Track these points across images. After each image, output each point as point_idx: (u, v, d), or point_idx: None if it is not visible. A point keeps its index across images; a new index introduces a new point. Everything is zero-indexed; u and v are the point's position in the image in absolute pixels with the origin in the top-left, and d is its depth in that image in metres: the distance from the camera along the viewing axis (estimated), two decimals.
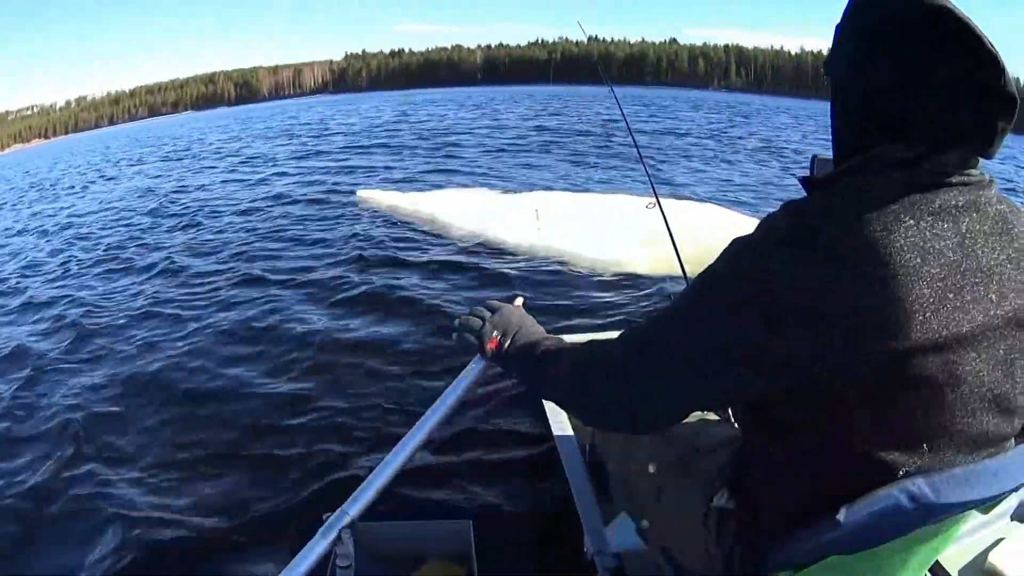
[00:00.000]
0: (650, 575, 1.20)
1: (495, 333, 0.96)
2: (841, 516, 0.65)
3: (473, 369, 0.99)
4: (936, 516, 0.64)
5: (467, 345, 0.99)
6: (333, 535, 0.93)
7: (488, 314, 0.99)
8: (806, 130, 18.84)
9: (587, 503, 1.44)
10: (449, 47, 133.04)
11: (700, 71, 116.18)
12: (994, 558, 1.22)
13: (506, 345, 0.95)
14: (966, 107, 0.65)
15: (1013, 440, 0.71)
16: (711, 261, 0.72)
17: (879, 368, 0.61)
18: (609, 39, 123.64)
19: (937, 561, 1.16)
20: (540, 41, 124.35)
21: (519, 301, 1.05)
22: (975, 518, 0.77)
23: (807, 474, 0.72)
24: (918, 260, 0.61)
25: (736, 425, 1.31)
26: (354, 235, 5.35)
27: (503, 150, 11.21)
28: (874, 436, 0.65)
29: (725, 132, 16.50)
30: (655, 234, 4.46)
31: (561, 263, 4.42)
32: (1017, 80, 0.73)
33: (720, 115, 24.48)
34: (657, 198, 1.83)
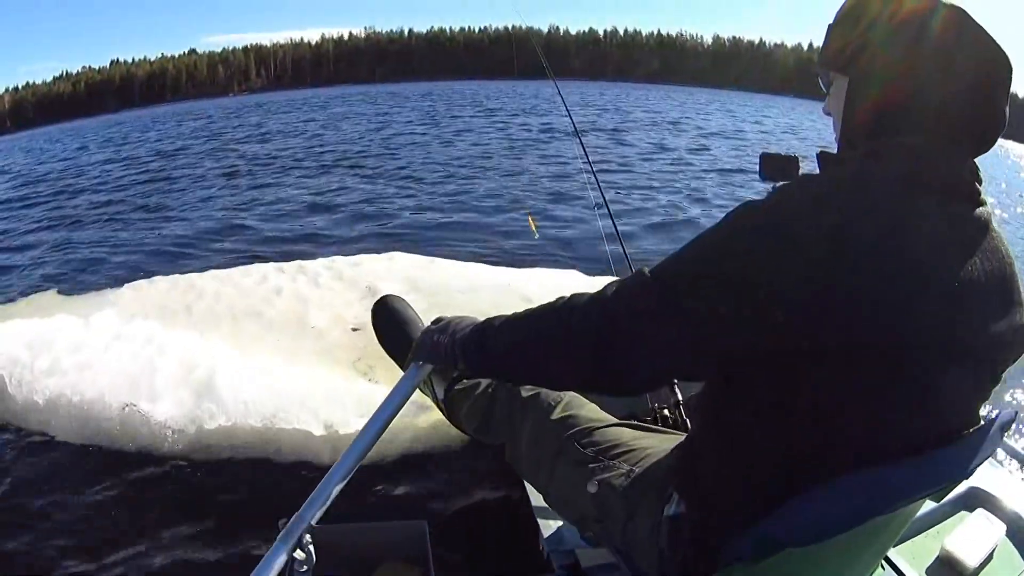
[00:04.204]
0: (606, 572, 1.20)
1: (437, 337, 0.92)
2: (793, 509, 0.65)
3: (412, 375, 0.96)
4: (889, 505, 0.64)
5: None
6: (293, 540, 0.90)
7: (431, 327, 0.97)
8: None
9: (542, 501, 1.41)
10: None
11: (221, 78, 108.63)
12: (949, 545, 1.22)
13: (445, 342, 0.91)
14: (979, 105, 0.67)
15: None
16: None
17: (861, 358, 0.60)
18: (130, 60, 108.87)
19: (892, 550, 1.16)
20: (64, 74, 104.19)
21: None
22: (928, 506, 0.77)
23: (758, 467, 0.71)
24: (929, 262, 0.61)
25: (688, 422, 1.33)
26: None
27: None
28: (832, 429, 0.64)
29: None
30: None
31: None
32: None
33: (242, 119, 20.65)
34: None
